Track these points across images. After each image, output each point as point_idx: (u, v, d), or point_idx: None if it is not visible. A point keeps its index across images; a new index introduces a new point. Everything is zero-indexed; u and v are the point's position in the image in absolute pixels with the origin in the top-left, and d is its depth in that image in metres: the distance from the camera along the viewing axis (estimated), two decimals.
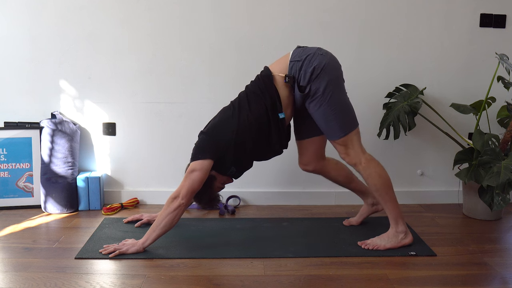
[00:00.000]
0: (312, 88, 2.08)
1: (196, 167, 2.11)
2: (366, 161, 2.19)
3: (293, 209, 2.82)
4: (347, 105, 2.17)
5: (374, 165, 2.20)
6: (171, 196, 2.11)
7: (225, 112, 2.21)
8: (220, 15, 2.75)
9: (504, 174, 2.33)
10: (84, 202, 2.75)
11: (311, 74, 2.07)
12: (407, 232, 2.23)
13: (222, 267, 2.04)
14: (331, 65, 2.10)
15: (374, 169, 2.19)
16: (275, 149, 2.23)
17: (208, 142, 2.15)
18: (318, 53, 2.10)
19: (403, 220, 2.24)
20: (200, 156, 2.13)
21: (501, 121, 2.80)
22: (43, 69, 2.77)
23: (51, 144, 2.70)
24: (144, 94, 2.81)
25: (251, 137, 2.14)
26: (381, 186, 2.19)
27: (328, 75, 2.08)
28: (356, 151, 2.18)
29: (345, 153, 2.19)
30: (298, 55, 2.13)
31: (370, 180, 2.19)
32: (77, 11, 2.72)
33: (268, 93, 2.13)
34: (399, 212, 2.23)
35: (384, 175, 2.20)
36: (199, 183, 2.12)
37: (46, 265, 2.02)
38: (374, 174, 2.18)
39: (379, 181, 2.18)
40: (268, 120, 2.14)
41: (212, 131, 2.17)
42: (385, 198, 2.20)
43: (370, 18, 2.79)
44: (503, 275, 1.99)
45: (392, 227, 2.23)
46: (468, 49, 2.84)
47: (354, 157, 2.19)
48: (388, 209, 2.22)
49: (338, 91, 2.12)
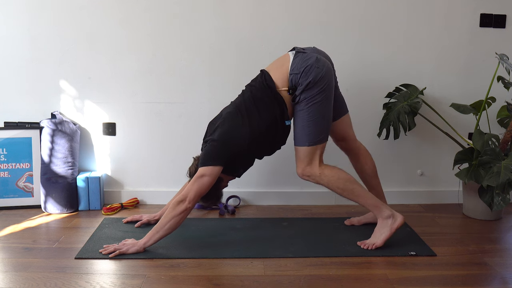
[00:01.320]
0: (302, 96, 2.14)
1: (206, 173, 2.13)
2: (320, 170, 2.19)
3: (293, 209, 2.82)
4: (326, 120, 2.19)
5: (329, 170, 2.21)
6: (178, 199, 2.11)
7: (233, 118, 2.20)
8: (220, 15, 2.75)
9: (504, 174, 2.33)
10: (84, 202, 2.75)
11: (305, 86, 2.12)
12: (394, 214, 2.21)
13: (222, 267, 2.04)
14: (325, 78, 2.13)
15: (330, 173, 2.20)
16: (276, 148, 2.30)
17: (220, 149, 2.17)
18: (315, 66, 2.12)
19: (384, 205, 2.23)
20: (211, 162, 2.14)
21: (501, 121, 2.80)
22: (43, 69, 2.77)
23: (51, 144, 2.70)
24: (144, 94, 2.81)
25: (261, 143, 2.20)
26: (344, 186, 2.19)
27: (319, 87, 2.11)
28: (313, 164, 2.19)
29: (303, 163, 2.20)
30: (297, 67, 2.14)
31: (332, 185, 2.20)
32: (77, 11, 2.72)
33: (277, 103, 2.17)
34: (375, 200, 2.23)
35: (342, 175, 2.21)
36: (208, 188, 2.14)
37: (46, 265, 2.02)
38: (332, 178, 2.19)
39: (339, 182, 2.19)
40: (276, 127, 2.19)
41: (224, 138, 2.17)
42: (354, 194, 2.21)
43: (370, 18, 2.79)
44: (503, 275, 1.99)
45: (378, 217, 2.23)
46: (468, 49, 2.84)
47: (309, 170, 2.20)
48: (363, 203, 2.22)
49: (322, 104, 2.14)
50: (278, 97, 2.17)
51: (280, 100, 2.17)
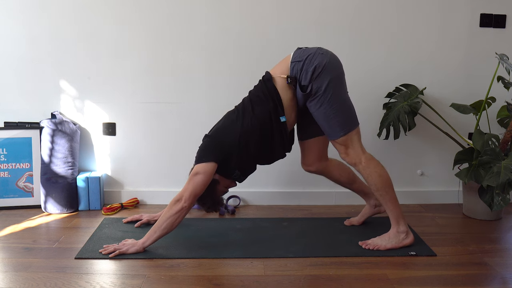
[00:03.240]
0: (314, 87, 2.09)
1: (200, 170, 2.12)
2: (366, 160, 2.19)
3: (293, 209, 2.82)
4: (348, 105, 2.17)
5: (374, 164, 2.20)
6: (174, 198, 2.11)
7: (229, 116, 2.21)
8: (220, 15, 2.75)
9: (504, 174, 2.33)
10: (84, 202, 2.75)
11: (312, 73, 2.07)
12: (408, 232, 2.23)
13: (222, 267, 2.04)
14: (332, 64, 2.11)
15: (374, 168, 2.19)
16: (278, 153, 2.24)
17: (212, 145, 2.16)
18: (318, 52, 2.11)
19: (404, 220, 2.24)
20: (204, 159, 2.13)
21: (501, 121, 2.80)
22: (43, 69, 2.77)
23: (51, 144, 2.70)
24: (144, 94, 2.81)
25: (254, 140, 2.15)
26: (381, 186, 2.18)
27: (329, 74, 2.08)
28: (356, 151, 2.18)
29: (345, 152, 2.19)
30: (299, 55, 2.13)
31: (371, 180, 2.19)
32: (77, 11, 2.72)
33: (271, 97, 2.13)
34: (400, 212, 2.23)
35: (384, 175, 2.20)
36: (203, 186, 2.12)
37: (46, 265, 2.02)
38: (374, 173, 2.18)
39: (379, 180, 2.18)
40: (271, 124, 2.15)
41: (216, 134, 2.18)
42: (385, 197, 2.20)
43: (370, 18, 2.79)
44: (503, 275, 1.99)
45: (393, 227, 2.23)
46: (468, 49, 2.85)
47: (354, 156, 2.19)
48: (389, 209, 2.22)
49: (339, 90, 2.12)
50: (271, 90, 2.13)
51: (272, 93, 2.13)
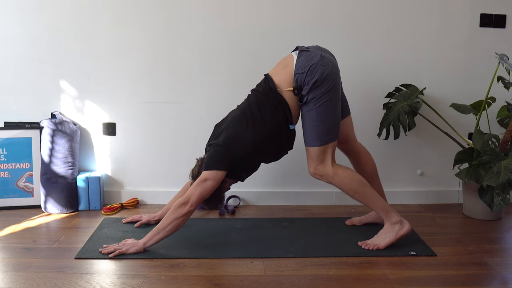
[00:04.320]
0: (310, 96, 2.12)
1: (209, 177, 2.13)
2: (334, 170, 2.19)
3: (293, 209, 2.82)
4: (334, 118, 2.18)
5: (342, 171, 2.20)
6: (180, 201, 2.11)
7: (238, 123, 2.20)
8: (220, 15, 2.75)
9: (504, 174, 2.33)
10: (84, 202, 2.75)
11: (312, 85, 2.10)
12: (402, 221, 2.22)
13: (222, 267, 2.04)
14: (331, 75, 2.12)
15: (344, 174, 2.19)
16: (283, 154, 2.29)
17: (224, 154, 2.16)
18: (320, 64, 2.10)
19: (394, 211, 2.23)
20: (214, 166, 2.14)
21: (501, 121, 2.80)
22: (43, 69, 2.77)
23: (51, 144, 2.70)
24: (144, 94, 2.81)
25: (264, 149, 2.19)
26: (357, 188, 2.19)
27: (326, 84, 2.10)
28: (326, 163, 2.18)
29: (315, 162, 2.19)
30: (302, 66, 2.13)
31: (345, 186, 2.20)
32: (77, 11, 2.72)
33: (281, 107, 2.16)
34: (386, 204, 2.23)
35: (355, 177, 2.21)
36: (210, 192, 2.14)
37: (46, 265, 2.02)
38: (345, 179, 2.19)
39: (353, 184, 2.19)
40: (281, 132, 2.18)
41: (227, 143, 2.17)
42: (365, 197, 2.20)
43: (370, 18, 2.79)
44: (503, 275, 1.99)
45: (386, 221, 2.23)
46: (468, 49, 2.84)
47: (322, 169, 2.19)
48: (374, 206, 2.22)
49: (330, 102, 2.13)
50: (281, 101, 2.15)
51: (283, 104, 2.15)
